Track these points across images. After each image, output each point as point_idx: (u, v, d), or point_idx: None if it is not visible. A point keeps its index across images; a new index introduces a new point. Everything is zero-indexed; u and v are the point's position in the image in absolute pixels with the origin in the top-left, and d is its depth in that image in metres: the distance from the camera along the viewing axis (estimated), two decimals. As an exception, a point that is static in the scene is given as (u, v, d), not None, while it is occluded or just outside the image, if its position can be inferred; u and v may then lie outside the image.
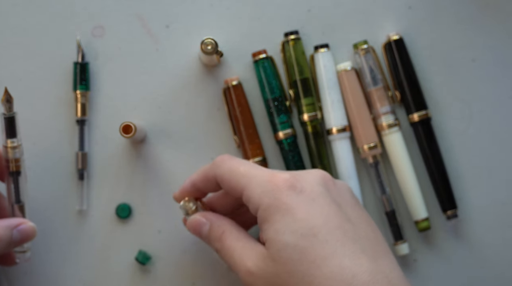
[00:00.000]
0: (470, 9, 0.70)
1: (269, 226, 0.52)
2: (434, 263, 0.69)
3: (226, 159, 0.58)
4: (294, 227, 0.51)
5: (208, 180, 0.58)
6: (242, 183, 0.55)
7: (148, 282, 0.68)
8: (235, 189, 0.56)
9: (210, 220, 0.58)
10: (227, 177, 0.56)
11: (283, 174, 0.54)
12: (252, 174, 0.55)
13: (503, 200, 0.69)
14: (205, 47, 0.65)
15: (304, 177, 0.54)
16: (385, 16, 0.69)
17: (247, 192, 0.54)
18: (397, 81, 0.69)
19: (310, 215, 0.51)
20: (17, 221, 0.60)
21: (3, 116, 0.60)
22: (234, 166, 0.56)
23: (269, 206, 0.52)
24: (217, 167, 0.57)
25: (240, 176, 0.55)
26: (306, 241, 0.50)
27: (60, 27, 0.69)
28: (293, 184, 0.53)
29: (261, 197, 0.53)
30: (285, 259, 0.51)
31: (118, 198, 0.68)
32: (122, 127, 0.63)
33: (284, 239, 0.51)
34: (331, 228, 0.51)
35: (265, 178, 0.54)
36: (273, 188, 0.53)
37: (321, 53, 0.68)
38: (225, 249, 0.56)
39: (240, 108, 0.68)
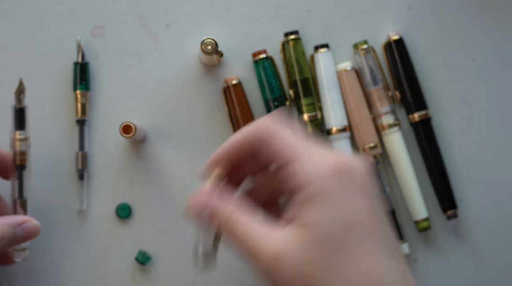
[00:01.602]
0: (470, 9, 0.70)
1: (313, 209, 0.48)
2: (434, 263, 0.69)
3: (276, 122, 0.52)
4: (339, 217, 0.48)
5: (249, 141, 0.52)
6: (291, 154, 0.50)
7: (148, 282, 0.68)
8: (281, 156, 0.50)
9: (212, 202, 0.53)
10: (275, 143, 0.51)
11: (335, 156, 0.50)
12: (305, 148, 0.50)
13: (503, 200, 0.69)
14: (205, 47, 0.65)
15: (355, 164, 0.50)
16: (385, 16, 0.69)
17: (295, 166, 0.49)
18: (397, 81, 0.69)
19: (356, 207, 0.49)
20: (22, 219, 0.60)
21: (14, 107, 0.60)
22: (284, 133, 0.51)
23: (318, 189, 0.48)
24: (266, 127, 0.52)
25: (291, 146, 0.50)
26: (347, 233, 0.48)
27: (60, 27, 0.69)
28: (345, 171, 0.49)
29: (311, 177, 0.49)
30: (322, 248, 0.48)
31: (118, 198, 0.68)
32: (122, 127, 0.63)
33: (327, 227, 0.48)
34: (371, 223, 0.49)
35: (318, 157, 0.50)
36: (326, 171, 0.49)
37: (321, 53, 0.68)
38: (237, 233, 0.51)
39: (240, 107, 0.68)
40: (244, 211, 0.51)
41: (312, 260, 0.48)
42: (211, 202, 0.52)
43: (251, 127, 0.52)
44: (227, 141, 0.53)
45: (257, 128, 0.52)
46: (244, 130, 0.53)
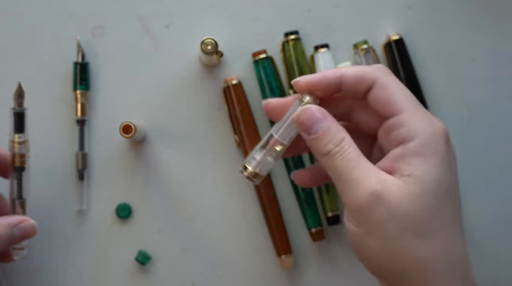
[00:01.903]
0: (470, 9, 0.70)
1: (422, 162, 0.48)
2: (434, 263, 0.69)
3: (391, 73, 0.53)
4: (446, 178, 0.49)
5: (363, 80, 0.52)
6: (406, 104, 0.51)
7: (148, 282, 0.68)
8: (393, 105, 0.51)
9: (328, 118, 0.52)
10: (392, 89, 0.51)
11: (438, 122, 0.51)
12: (419, 105, 0.51)
13: (503, 200, 0.69)
14: (205, 47, 0.65)
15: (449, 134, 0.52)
16: (385, 16, 0.69)
17: (407, 116, 0.50)
18: (397, 81, 0.69)
19: (453, 174, 0.50)
20: (18, 219, 0.60)
21: (13, 111, 0.61)
22: (401, 85, 0.52)
23: (428, 144, 0.49)
24: (382, 74, 0.52)
25: (406, 97, 0.51)
26: (448, 197, 0.49)
27: (60, 27, 0.69)
28: (448, 138, 0.51)
29: (422, 132, 0.49)
30: (423, 205, 0.48)
31: (118, 198, 0.68)
32: (122, 127, 0.63)
33: (433, 185, 0.48)
34: (458, 191, 0.51)
35: (426, 115, 0.51)
36: (435, 131, 0.50)
37: (321, 53, 0.68)
38: (345, 158, 0.50)
39: (240, 107, 0.68)
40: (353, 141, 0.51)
41: (411, 213, 0.48)
42: (327, 119, 0.51)
43: (367, 67, 0.53)
44: (338, 70, 0.53)
45: (373, 69, 0.52)
46: (358, 68, 0.53)
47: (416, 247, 0.48)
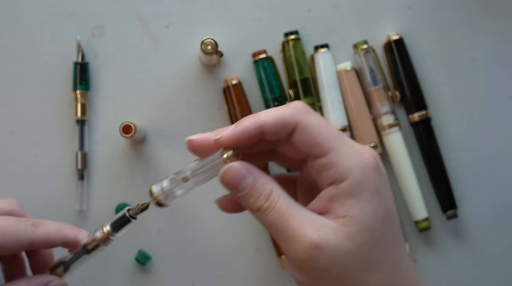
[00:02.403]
0: (470, 9, 0.70)
1: (355, 202, 0.48)
2: (434, 263, 0.69)
3: (312, 111, 0.50)
4: (379, 210, 0.49)
5: (285, 125, 0.50)
6: (331, 144, 0.49)
7: (148, 282, 0.68)
8: (318, 146, 0.49)
9: (253, 172, 0.50)
10: (315, 130, 0.49)
11: (369, 150, 0.50)
12: (344, 140, 0.49)
13: (503, 200, 0.69)
14: (205, 47, 0.65)
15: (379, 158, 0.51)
16: (385, 16, 0.69)
17: (335, 156, 0.49)
18: (397, 81, 0.69)
19: (388, 200, 0.50)
20: (47, 279, 0.57)
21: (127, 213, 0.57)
22: (324, 122, 0.50)
23: (359, 182, 0.48)
24: (303, 114, 0.50)
25: (330, 136, 0.49)
26: (385, 226, 0.49)
27: (60, 27, 0.69)
28: (378, 165, 0.50)
29: (352, 170, 0.48)
30: (363, 241, 0.48)
31: (118, 198, 0.68)
32: (122, 127, 0.63)
33: (369, 220, 0.48)
34: (396, 216, 0.50)
35: (356, 148, 0.49)
36: (365, 164, 0.49)
37: (321, 53, 0.68)
38: (277, 211, 0.49)
39: (240, 107, 0.68)
40: (283, 190, 0.50)
41: (353, 252, 0.48)
42: (252, 174, 0.50)
43: (286, 111, 0.50)
44: (258, 119, 0.50)
45: (294, 112, 0.50)
46: (278, 113, 0.50)
47: (364, 280, 0.49)
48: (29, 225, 0.55)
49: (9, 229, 0.54)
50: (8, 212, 0.57)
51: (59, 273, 0.58)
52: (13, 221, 0.54)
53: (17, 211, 0.58)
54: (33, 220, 0.55)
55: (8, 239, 0.53)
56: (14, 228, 0.54)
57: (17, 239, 0.54)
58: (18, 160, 0.68)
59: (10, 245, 0.54)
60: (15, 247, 0.54)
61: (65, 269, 0.58)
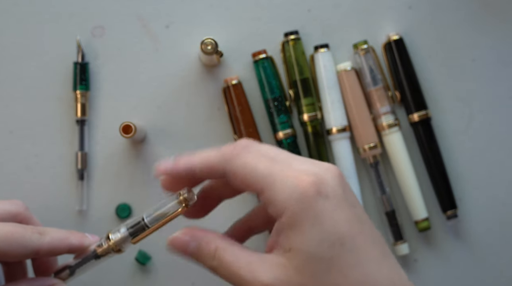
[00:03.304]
0: (470, 9, 0.70)
1: (296, 234, 0.48)
2: (434, 263, 0.69)
3: (240, 153, 0.51)
4: (322, 237, 0.48)
5: (214, 172, 0.51)
6: (262, 183, 0.49)
7: (148, 282, 0.68)
8: (251, 188, 0.50)
9: (195, 236, 0.52)
10: (241, 175, 0.50)
11: (308, 175, 0.49)
12: (275, 174, 0.49)
13: (503, 200, 0.69)
14: (205, 47, 0.65)
15: (326, 177, 0.50)
16: (385, 16, 0.69)
17: (269, 194, 0.49)
18: (397, 81, 0.69)
19: (337, 222, 0.48)
20: (49, 282, 0.57)
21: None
22: (250, 163, 0.50)
23: (296, 213, 0.48)
24: (228, 161, 0.51)
25: (260, 176, 0.49)
26: (334, 251, 0.48)
27: (60, 27, 0.69)
28: (319, 188, 0.49)
29: (287, 203, 0.48)
30: (313, 270, 0.48)
31: (118, 198, 0.68)
32: (122, 127, 0.63)
33: (313, 250, 0.48)
34: (354, 234, 0.49)
35: (290, 179, 0.49)
36: (301, 193, 0.48)
37: (321, 53, 0.68)
38: (225, 266, 0.51)
39: (240, 107, 0.68)
40: (229, 241, 0.52)
41: (306, 283, 0.48)
42: (195, 237, 0.52)
43: (213, 156, 0.51)
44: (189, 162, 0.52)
45: (220, 158, 0.51)
46: (205, 158, 0.52)
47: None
48: (35, 233, 0.54)
49: (15, 236, 0.53)
50: (14, 215, 0.57)
51: (64, 277, 0.57)
52: (20, 228, 0.54)
53: (23, 213, 0.57)
54: (39, 228, 0.55)
55: (14, 247, 0.53)
56: (20, 235, 0.53)
57: (23, 247, 0.54)
58: (18, 160, 0.68)
59: (15, 252, 0.53)
60: (20, 255, 0.54)
61: (70, 273, 0.57)
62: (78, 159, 0.68)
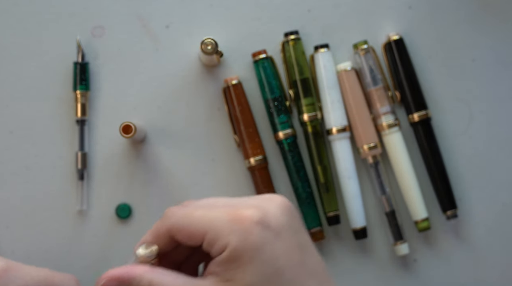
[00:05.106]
0: (470, 9, 0.70)
1: (236, 267, 0.50)
2: (434, 263, 0.69)
3: (177, 209, 0.53)
4: (261, 269, 0.49)
5: (163, 236, 0.53)
6: (203, 227, 0.51)
7: (148, 282, 0.68)
8: (194, 236, 0.51)
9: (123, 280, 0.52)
10: (182, 225, 0.52)
11: (247, 209, 0.51)
12: (213, 216, 0.51)
13: (503, 200, 0.69)
14: (205, 47, 0.65)
15: (269, 207, 0.51)
16: (385, 16, 0.69)
17: (211, 235, 0.50)
18: (397, 81, 0.69)
19: (276, 254, 0.50)
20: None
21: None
22: (188, 212, 0.52)
23: (237, 247, 0.49)
24: (168, 218, 0.52)
25: (198, 221, 0.51)
26: (272, 283, 0.49)
27: (60, 27, 0.69)
28: (260, 219, 0.50)
29: (228, 238, 0.50)
30: None
31: (118, 198, 0.68)
32: (122, 127, 0.63)
33: (251, 282, 0.49)
34: (293, 265, 0.50)
35: (229, 217, 0.50)
36: (240, 227, 0.50)
37: (321, 53, 0.68)
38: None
39: (240, 108, 0.68)
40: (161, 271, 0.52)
41: None
42: (122, 275, 0.52)
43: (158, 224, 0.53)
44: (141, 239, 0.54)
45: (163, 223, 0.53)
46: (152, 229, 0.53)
47: None
48: None
49: None
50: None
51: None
52: None
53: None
54: None
55: None
56: None
57: None
58: (18, 160, 0.68)
59: None
60: None
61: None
62: (78, 159, 0.68)
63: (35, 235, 0.67)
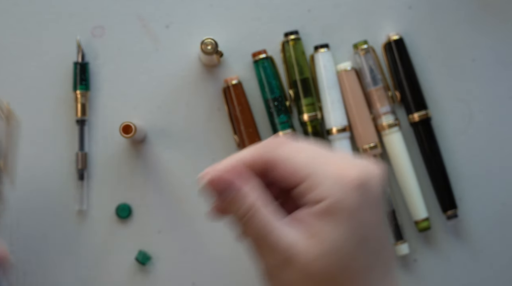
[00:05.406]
0: (470, 9, 0.70)
1: (327, 222, 0.48)
2: (434, 263, 0.69)
3: (283, 143, 0.50)
4: (351, 232, 0.48)
5: (258, 164, 0.51)
6: (305, 171, 0.49)
7: (148, 282, 0.68)
8: (292, 176, 0.49)
9: (233, 184, 0.50)
10: (286, 162, 0.49)
11: (353, 169, 0.49)
12: (319, 164, 0.49)
13: (503, 200, 0.69)
14: (205, 47, 0.65)
15: (371, 175, 0.50)
16: (385, 16, 0.69)
17: (311, 182, 0.49)
18: (397, 81, 0.69)
19: (368, 221, 0.49)
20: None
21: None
22: (293, 151, 0.50)
23: (335, 203, 0.48)
24: (270, 151, 0.50)
25: (303, 164, 0.49)
26: (357, 250, 0.48)
27: (60, 27, 0.69)
28: (362, 184, 0.49)
29: (329, 191, 0.48)
30: (331, 263, 0.48)
31: (118, 198, 0.68)
32: (122, 127, 0.63)
33: (339, 243, 0.48)
34: (379, 238, 0.49)
35: (334, 170, 0.49)
36: (343, 184, 0.48)
37: (321, 53, 0.68)
38: (256, 228, 0.49)
39: (240, 107, 0.68)
40: (263, 201, 0.50)
41: (319, 273, 0.48)
42: (236, 182, 0.50)
43: (259, 148, 0.51)
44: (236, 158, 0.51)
45: (265, 149, 0.51)
46: (249, 153, 0.51)
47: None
48: None
49: None
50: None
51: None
52: None
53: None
54: None
55: None
56: None
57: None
58: (18, 160, 0.68)
59: None
60: None
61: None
62: (78, 159, 0.68)
63: (35, 235, 0.67)
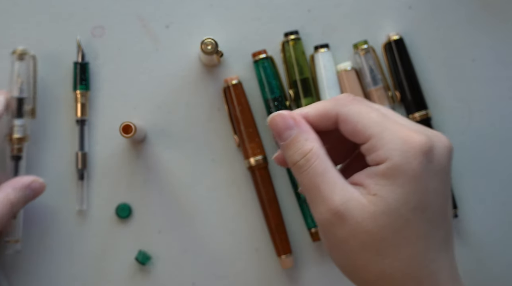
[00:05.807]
0: (470, 9, 0.70)
1: (388, 184, 0.49)
2: (434, 263, 0.69)
3: (355, 100, 0.51)
4: (411, 197, 0.49)
5: (327, 117, 0.51)
6: (371, 130, 0.50)
7: (148, 282, 0.68)
8: (359, 133, 0.50)
9: (300, 127, 0.51)
10: (354, 119, 0.50)
11: (419, 135, 0.50)
12: (386, 125, 0.50)
13: (503, 200, 0.69)
14: (205, 47, 0.65)
15: (437, 144, 0.50)
16: (385, 16, 0.69)
17: (376, 141, 0.49)
18: (397, 81, 0.69)
19: (428, 189, 0.49)
20: (28, 179, 0.64)
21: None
22: (363, 109, 0.51)
23: (397, 165, 0.48)
24: (343, 106, 0.51)
25: (371, 122, 0.50)
26: (415, 215, 0.49)
27: (60, 27, 0.69)
28: (427, 151, 0.49)
29: (392, 153, 0.49)
30: (386, 224, 0.48)
31: (118, 198, 0.68)
32: (122, 127, 0.63)
33: (397, 205, 0.48)
34: (436, 208, 0.50)
35: (400, 134, 0.49)
36: (407, 148, 0.49)
37: (321, 53, 0.68)
38: (311, 172, 0.50)
39: (240, 107, 0.68)
40: (324, 149, 0.51)
41: (373, 232, 0.48)
42: (298, 126, 0.51)
43: (328, 103, 0.52)
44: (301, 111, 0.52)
45: (335, 103, 0.51)
46: (320, 105, 0.52)
47: (378, 263, 0.49)
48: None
49: None
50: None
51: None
52: None
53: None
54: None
55: None
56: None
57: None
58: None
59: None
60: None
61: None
62: (78, 159, 0.68)
63: (35, 234, 0.67)
